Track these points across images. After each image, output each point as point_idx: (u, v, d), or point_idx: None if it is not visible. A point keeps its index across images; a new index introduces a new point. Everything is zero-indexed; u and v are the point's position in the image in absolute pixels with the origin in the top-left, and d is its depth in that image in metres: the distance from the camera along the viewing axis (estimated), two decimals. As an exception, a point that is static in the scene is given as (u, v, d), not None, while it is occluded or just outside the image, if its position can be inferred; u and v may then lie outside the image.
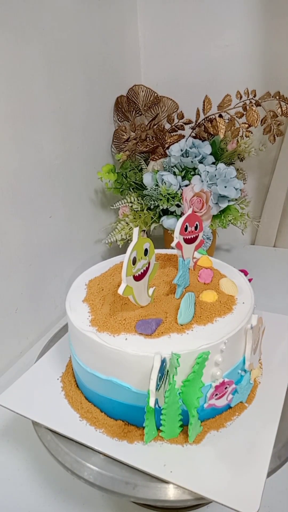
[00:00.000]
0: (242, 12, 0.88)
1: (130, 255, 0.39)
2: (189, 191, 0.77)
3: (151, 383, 0.36)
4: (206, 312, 0.43)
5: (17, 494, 0.47)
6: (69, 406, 0.45)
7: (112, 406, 0.43)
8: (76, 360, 0.45)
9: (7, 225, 0.64)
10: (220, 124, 0.81)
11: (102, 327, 0.42)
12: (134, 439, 0.41)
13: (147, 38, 0.98)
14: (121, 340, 0.40)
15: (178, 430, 0.41)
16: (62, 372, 0.50)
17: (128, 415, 0.42)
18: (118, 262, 0.56)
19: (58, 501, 0.46)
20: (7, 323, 0.68)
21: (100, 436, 0.41)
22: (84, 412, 0.44)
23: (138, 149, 0.85)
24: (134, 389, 0.40)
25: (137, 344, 0.40)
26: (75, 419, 0.43)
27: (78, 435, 0.41)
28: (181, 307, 0.42)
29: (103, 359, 0.41)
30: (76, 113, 0.79)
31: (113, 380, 0.40)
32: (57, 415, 0.44)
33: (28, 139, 0.66)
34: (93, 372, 0.42)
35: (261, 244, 1.08)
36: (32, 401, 0.46)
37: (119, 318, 0.43)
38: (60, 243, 0.79)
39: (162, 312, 0.44)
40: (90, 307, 0.46)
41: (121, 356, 0.39)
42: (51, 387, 0.48)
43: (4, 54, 0.59)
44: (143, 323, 0.41)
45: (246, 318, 0.43)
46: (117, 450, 0.40)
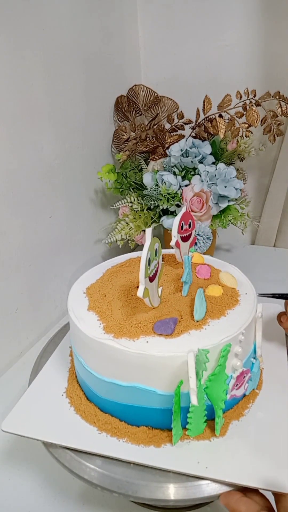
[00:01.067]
0: (242, 12, 0.88)
1: (146, 256, 0.39)
2: (189, 191, 0.77)
3: (191, 381, 0.36)
4: (216, 306, 0.44)
5: (17, 494, 0.47)
6: (84, 421, 0.43)
7: (134, 413, 0.42)
8: (88, 371, 0.43)
9: (7, 225, 0.64)
10: (220, 124, 0.81)
11: (118, 333, 0.41)
12: (161, 443, 0.40)
13: (147, 38, 0.98)
14: (143, 343, 0.39)
15: (203, 426, 0.41)
16: (64, 387, 0.48)
17: (152, 420, 0.41)
18: (110, 266, 0.56)
19: (58, 501, 0.46)
20: (7, 323, 0.68)
21: (125, 446, 0.40)
22: (102, 424, 0.42)
23: (138, 149, 0.85)
24: (159, 392, 0.39)
25: (160, 345, 0.39)
26: (93, 433, 0.42)
27: (101, 449, 0.40)
28: (196, 304, 0.43)
29: (125, 366, 0.39)
30: (76, 113, 0.79)
31: (136, 386, 0.40)
32: (74, 433, 0.42)
33: (28, 139, 0.66)
34: (112, 381, 0.41)
35: (261, 244, 1.08)
36: (41, 422, 0.43)
37: (134, 322, 0.42)
38: (60, 243, 0.79)
39: (175, 311, 0.44)
40: (98, 315, 0.44)
41: (145, 360, 0.38)
42: (58, 404, 0.46)
43: (4, 54, 0.59)
44: (162, 324, 0.41)
45: (254, 307, 0.44)
46: (147, 457, 0.39)
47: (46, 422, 0.43)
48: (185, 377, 0.38)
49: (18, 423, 0.43)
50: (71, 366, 0.51)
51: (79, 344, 0.44)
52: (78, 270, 0.86)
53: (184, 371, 0.38)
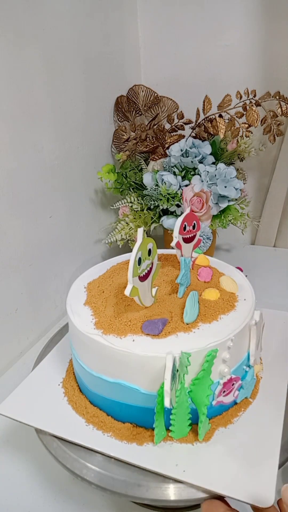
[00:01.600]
0: (242, 12, 0.88)
1: (135, 255, 0.39)
2: (189, 191, 0.77)
3: (165, 383, 0.36)
4: (210, 310, 0.44)
5: (17, 494, 0.47)
6: (74, 412, 0.44)
7: (119, 409, 0.42)
8: (80, 364, 0.44)
9: (7, 225, 0.64)
10: (220, 124, 0.81)
11: (107, 330, 0.41)
12: (143, 441, 0.40)
13: (147, 38, 0.98)
14: (129, 341, 0.40)
15: (187, 429, 0.41)
16: (62, 377, 0.50)
17: (136, 417, 0.42)
18: (115, 263, 0.56)
19: (58, 501, 0.46)
20: (7, 323, 0.68)
21: (109, 440, 0.41)
22: (90, 417, 0.43)
23: (138, 149, 0.85)
24: (143, 391, 0.39)
25: (145, 344, 0.39)
26: (81, 424, 0.43)
27: (85, 440, 0.41)
28: (186, 306, 0.42)
29: (110, 362, 0.40)
30: (76, 113, 0.79)
31: (121, 383, 0.40)
32: (62, 421, 0.43)
33: (28, 139, 0.66)
34: (100, 376, 0.42)
35: (261, 244, 1.08)
36: (35, 409, 0.45)
37: (124, 320, 0.42)
38: (60, 243, 0.79)
39: (167, 312, 0.43)
40: (92, 310, 0.45)
41: (129, 358, 0.38)
42: (53, 393, 0.47)
43: (4, 54, 0.59)
44: (150, 324, 0.41)
45: (249, 314, 0.44)
46: (128, 453, 0.39)
47: (40, 409, 0.45)
48: None
49: (14, 407, 0.45)
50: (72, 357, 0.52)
51: (73, 337, 0.46)
52: (78, 270, 0.86)
53: None
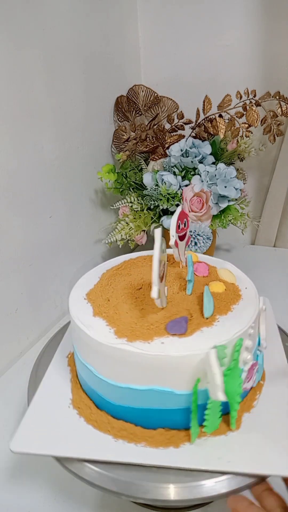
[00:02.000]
0: (242, 12, 0.88)
1: (158, 256, 0.38)
2: (189, 191, 0.77)
3: (216, 377, 0.35)
4: (222, 302, 0.45)
5: (17, 494, 0.47)
6: (97, 430, 0.42)
7: (150, 416, 0.41)
8: (99, 379, 0.42)
9: (7, 225, 0.64)
10: (220, 124, 0.81)
11: (131, 337, 0.40)
12: (179, 443, 0.40)
13: (147, 38, 0.98)
14: (157, 344, 0.39)
15: (219, 422, 0.41)
16: (69, 398, 0.46)
17: (168, 421, 0.41)
18: (105, 270, 0.54)
19: (58, 501, 0.46)
20: (7, 323, 0.68)
21: (144, 450, 0.39)
22: (117, 432, 0.41)
23: (138, 149, 0.85)
24: (177, 392, 0.39)
25: (176, 345, 0.39)
26: (109, 441, 0.40)
27: (120, 456, 0.39)
28: (204, 302, 0.43)
29: (141, 369, 0.39)
30: (76, 113, 0.79)
31: (154, 388, 0.39)
32: (89, 444, 0.40)
33: (28, 139, 0.66)
34: (128, 386, 0.40)
35: (261, 244, 1.08)
36: (52, 438, 0.41)
37: (146, 324, 0.41)
38: (60, 243, 0.79)
39: (184, 310, 0.43)
40: (106, 320, 0.43)
41: (163, 361, 0.38)
42: (66, 417, 0.44)
43: (4, 54, 0.59)
44: (174, 324, 0.40)
45: (257, 301, 0.45)
46: (169, 459, 0.38)
47: (57, 436, 0.41)
48: (202, 375, 0.38)
49: (28, 441, 0.41)
50: (72, 376, 0.50)
51: (88, 351, 0.43)
52: (79, 270, 0.86)
53: (201, 369, 0.38)
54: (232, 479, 0.37)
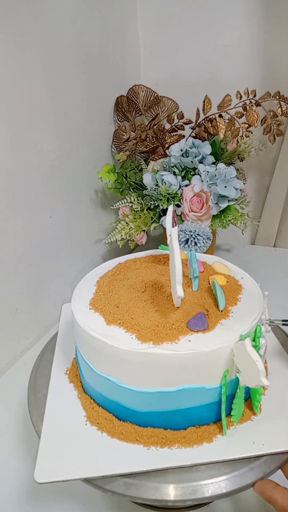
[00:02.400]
0: (242, 12, 0.88)
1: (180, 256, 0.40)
2: (189, 191, 0.77)
3: (258, 364, 0.36)
4: (228, 294, 0.46)
5: (17, 494, 0.47)
6: (125, 442, 0.40)
7: (181, 417, 0.40)
8: (123, 388, 0.40)
9: (7, 225, 0.64)
10: (220, 124, 0.81)
11: (157, 340, 0.39)
12: (212, 437, 0.40)
13: (147, 38, 0.98)
14: (186, 343, 0.39)
15: (243, 409, 0.42)
16: (83, 415, 0.44)
17: (198, 418, 0.41)
18: (99, 277, 0.52)
19: (58, 501, 0.46)
20: (7, 323, 0.68)
21: (179, 452, 0.39)
22: (147, 439, 0.40)
23: (138, 149, 0.85)
24: (208, 387, 0.39)
25: (203, 340, 0.39)
26: (141, 451, 0.39)
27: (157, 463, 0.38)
28: (218, 295, 0.44)
29: (171, 370, 0.38)
30: (76, 113, 0.79)
31: (186, 388, 0.39)
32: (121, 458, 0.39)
33: (28, 139, 0.66)
34: (158, 390, 0.39)
35: (261, 244, 1.08)
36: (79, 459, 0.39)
37: (167, 325, 0.41)
38: (60, 243, 0.79)
39: (198, 306, 0.44)
40: (123, 327, 0.41)
41: (195, 358, 0.38)
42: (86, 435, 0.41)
43: (4, 54, 0.59)
44: (196, 320, 0.41)
45: (258, 289, 0.47)
46: (205, 455, 0.39)
47: (84, 457, 0.39)
48: (230, 366, 0.39)
49: (52, 468, 0.38)
50: (78, 392, 0.47)
51: (108, 363, 0.41)
52: (78, 270, 0.86)
53: (229, 360, 0.39)
54: (231, 479, 0.37)
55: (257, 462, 0.38)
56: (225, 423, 0.40)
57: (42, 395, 0.47)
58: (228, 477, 0.37)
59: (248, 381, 0.38)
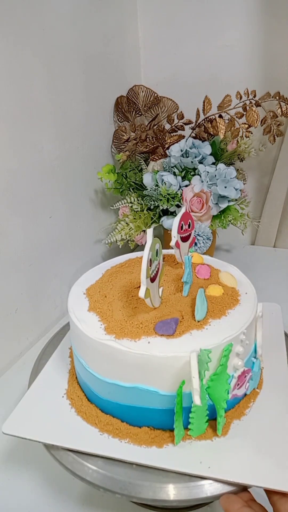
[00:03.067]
0: (242, 12, 0.88)
1: (148, 256, 0.38)
2: (189, 192, 0.77)
3: (194, 381, 0.36)
4: (217, 306, 0.44)
5: (17, 494, 0.47)
6: (85, 423, 0.43)
7: (136, 414, 0.41)
8: (89, 372, 0.43)
9: (7, 225, 0.64)
10: (220, 125, 0.81)
11: (120, 334, 0.40)
12: (162, 443, 0.40)
13: (147, 38, 0.98)
14: (144, 344, 0.39)
15: (205, 426, 0.41)
16: (64, 389, 0.48)
17: (153, 420, 0.41)
18: (109, 267, 0.55)
19: (58, 501, 0.46)
20: (7, 323, 0.68)
21: (127, 447, 0.40)
22: (103, 426, 0.42)
23: (138, 149, 0.85)
24: (162, 392, 0.39)
25: (162, 345, 0.39)
26: (95, 434, 0.42)
27: (103, 450, 0.40)
28: (197, 304, 0.43)
29: (126, 366, 0.39)
30: (76, 113, 0.79)
31: (138, 387, 0.39)
32: (75, 434, 0.42)
33: (28, 139, 0.66)
34: (114, 382, 0.41)
35: (261, 244, 1.08)
36: (42, 424, 0.43)
37: (136, 323, 0.42)
38: (60, 243, 0.79)
39: (176, 311, 0.43)
40: (99, 316, 0.44)
41: (147, 360, 0.38)
42: (58, 406, 0.45)
43: (3, 54, 0.59)
44: (163, 324, 0.40)
45: (254, 307, 0.45)
46: (149, 457, 0.39)
47: (47, 423, 0.43)
48: (187, 377, 0.38)
49: (19, 425, 0.43)
50: (71, 367, 0.51)
51: (80, 345, 0.44)
52: (78, 270, 0.86)
53: (186, 371, 0.37)
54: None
55: (200, 482, 0.37)
56: (178, 434, 0.39)
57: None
58: None
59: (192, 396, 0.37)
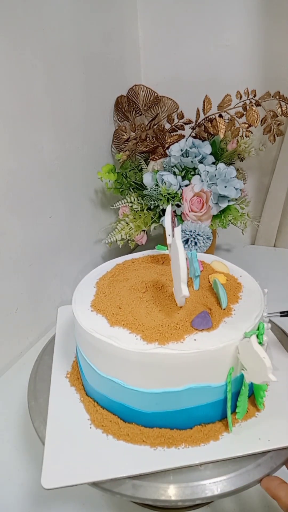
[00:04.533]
0: (242, 12, 0.88)
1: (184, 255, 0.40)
2: (189, 191, 0.77)
3: (266, 361, 0.35)
4: (229, 292, 0.46)
5: (17, 494, 0.47)
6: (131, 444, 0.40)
7: (187, 416, 0.41)
8: (129, 390, 0.40)
9: (7, 225, 0.64)
10: (220, 124, 0.81)
11: (162, 340, 0.39)
12: (218, 435, 0.41)
13: (147, 38, 0.98)
14: (191, 342, 0.39)
15: (247, 406, 0.42)
16: (87, 418, 0.43)
17: (203, 417, 0.41)
18: (97, 279, 0.52)
19: (58, 501, 0.46)
20: (7, 323, 0.68)
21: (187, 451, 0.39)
22: (153, 440, 0.40)
23: (138, 149, 0.85)
24: (214, 385, 0.40)
25: (209, 339, 0.39)
26: (148, 452, 0.39)
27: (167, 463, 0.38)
28: (220, 294, 0.44)
29: (178, 370, 0.38)
30: (76, 113, 0.79)
31: (192, 387, 0.39)
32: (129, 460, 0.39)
33: (28, 139, 0.66)
34: (164, 390, 0.39)
35: (261, 244, 1.08)
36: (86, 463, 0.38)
37: (171, 324, 0.40)
38: (60, 243, 0.79)
39: (200, 305, 0.44)
40: (127, 328, 0.41)
41: (201, 357, 0.38)
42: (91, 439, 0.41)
43: (4, 54, 0.59)
44: (201, 319, 0.41)
45: (257, 286, 0.48)
46: (213, 452, 0.39)
47: (90, 460, 0.39)
48: (235, 364, 0.39)
49: (59, 474, 0.38)
50: (81, 395, 0.47)
51: (113, 364, 0.41)
52: (78, 270, 0.86)
53: (235, 358, 0.39)
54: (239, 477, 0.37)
55: (264, 458, 0.38)
56: (230, 421, 0.41)
57: (43, 400, 0.47)
58: (236, 474, 0.37)
59: (255, 378, 0.38)
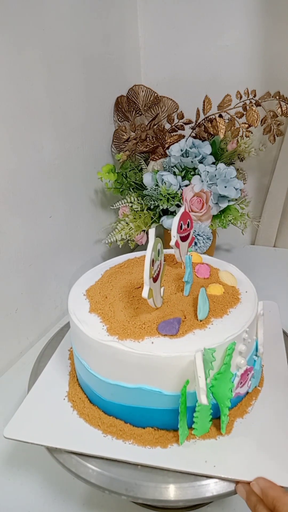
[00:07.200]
0: (242, 12, 0.88)
1: (150, 256, 0.39)
2: (189, 191, 0.77)
3: (200, 380, 0.36)
4: (219, 305, 0.45)
5: (17, 494, 0.47)
6: (88, 425, 0.43)
7: (139, 415, 0.41)
8: (91, 374, 0.43)
9: (7, 225, 0.64)
10: (220, 124, 0.81)
11: (122, 335, 0.40)
12: (167, 443, 0.40)
13: (147, 38, 0.98)
14: (147, 344, 0.39)
15: (209, 425, 0.41)
16: (65, 391, 0.47)
17: (157, 421, 0.41)
18: (108, 268, 0.55)
19: (58, 501, 0.46)
20: (7, 323, 0.68)
21: (131, 448, 0.40)
22: (106, 427, 0.42)
23: (138, 149, 0.85)
24: (166, 393, 0.39)
25: (165, 345, 0.39)
26: (99, 436, 0.41)
27: (107, 451, 0.39)
28: (199, 303, 0.43)
29: (130, 367, 0.39)
30: (76, 113, 0.79)
31: (142, 387, 0.39)
32: (78, 437, 0.41)
33: (28, 139, 0.66)
34: (117, 383, 0.40)
35: (261, 244, 1.08)
36: (44, 427, 0.42)
37: (138, 323, 0.41)
38: (60, 243, 0.79)
39: (178, 311, 0.43)
40: (100, 317, 0.44)
41: (151, 361, 0.38)
42: (60, 408, 0.45)
43: (4, 54, 0.59)
44: (166, 324, 0.40)
45: (255, 305, 0.45)
46: (154, 458, 0.39)
47: (49, 427, 0.42)
48: (191, 377, 0.38)
49: (21, 429, 0.42)
50: (71, 369, 0.51)
51: (81, 347, 0.44)
52: (79, 270, 0.86)
53: (190, 371, 0.38)
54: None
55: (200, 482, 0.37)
56: (182, 433, 0.39)
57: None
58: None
59: (197, 396, 0.37)
